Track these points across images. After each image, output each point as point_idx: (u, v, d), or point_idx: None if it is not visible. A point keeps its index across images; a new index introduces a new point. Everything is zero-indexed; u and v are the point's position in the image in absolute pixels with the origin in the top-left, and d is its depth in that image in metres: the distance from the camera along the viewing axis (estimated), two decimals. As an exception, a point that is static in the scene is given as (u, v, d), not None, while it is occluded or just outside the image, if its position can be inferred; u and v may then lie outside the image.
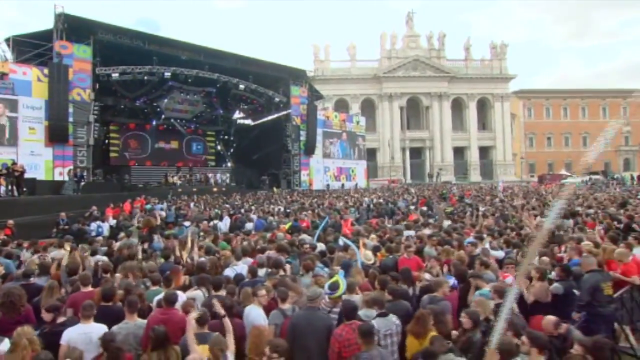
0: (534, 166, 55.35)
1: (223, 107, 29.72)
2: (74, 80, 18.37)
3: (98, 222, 11.25)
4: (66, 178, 17.17)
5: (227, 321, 3.28)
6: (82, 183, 16.52)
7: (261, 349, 3.35)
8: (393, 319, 3.63)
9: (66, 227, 10.79)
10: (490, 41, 51.29)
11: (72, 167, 17.82)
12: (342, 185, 31.60)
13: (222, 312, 3.29)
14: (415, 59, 47.92)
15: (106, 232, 10.81)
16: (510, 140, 51.62)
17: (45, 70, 17.62)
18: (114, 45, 20.01)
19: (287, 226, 8.83)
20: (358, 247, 6.00)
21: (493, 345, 2.30)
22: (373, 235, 8.33)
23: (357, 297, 4.38)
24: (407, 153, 49.37)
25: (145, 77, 21.52)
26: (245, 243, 7.20)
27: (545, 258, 5.80)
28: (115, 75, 20.32)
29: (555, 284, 4.74)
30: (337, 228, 9.52)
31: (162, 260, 5.91)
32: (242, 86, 24.47)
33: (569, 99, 56.37)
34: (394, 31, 49.42)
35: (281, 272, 5.12)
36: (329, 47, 48.61)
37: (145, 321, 3.72)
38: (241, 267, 5.58)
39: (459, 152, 50.87)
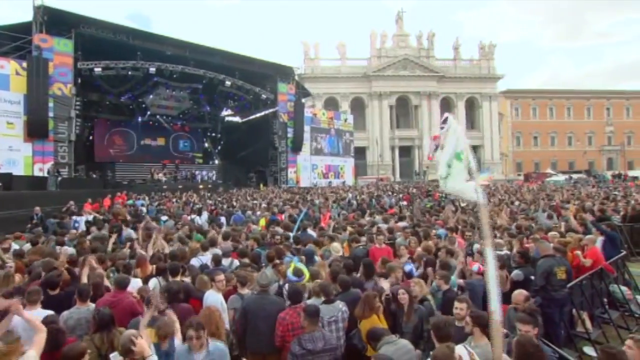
0: (521, 165, 56.15)
1: (210, 104, 29.41)
2: (55, 75, 17.98)
3: (75, 217, 11.08)
4: (46, 174, 16.84)
5: (170, 313, 3.26)
6: (59, 179, 16.20)
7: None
8: (340, 305, 3.61)
9: (40, 221, 10.60)
10: (479, 41, 51.94)
11: (52, 163, 17.49)
12: (330, 182, 31.62)
13: (161, 307, 3.27)
14: (405, 58, 48.14)
15: (83, 227, 10.65)
16: (497, 140, 52.21)
17: (24, 64, 17.18)
18: (96, 40, 19.60)
19: (262, 221, 8.84)
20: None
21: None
22: (350, 228, 8.41)
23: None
24: (397, 151, 49.61)
25: (129, 72, 21.21)
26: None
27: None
28: (97, 70, 20.00)
29: (516, 271, 4.85)
30: (315, 222, 9.58)
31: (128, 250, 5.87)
32: (228, 83, 24.24)
33: (554, 99, 57.35)
34: (384, 30, 49.68)
35: (245, 260, 5.14)
36: (319, 45, 48.63)
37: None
38: (207, 257, 5.62)
39: (448, 150, 51.29)
